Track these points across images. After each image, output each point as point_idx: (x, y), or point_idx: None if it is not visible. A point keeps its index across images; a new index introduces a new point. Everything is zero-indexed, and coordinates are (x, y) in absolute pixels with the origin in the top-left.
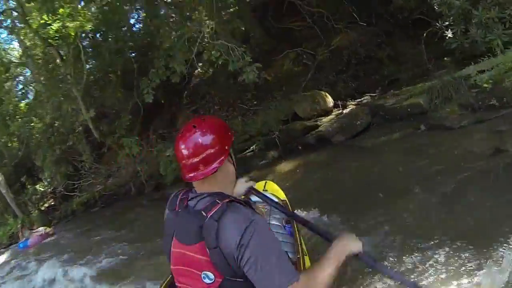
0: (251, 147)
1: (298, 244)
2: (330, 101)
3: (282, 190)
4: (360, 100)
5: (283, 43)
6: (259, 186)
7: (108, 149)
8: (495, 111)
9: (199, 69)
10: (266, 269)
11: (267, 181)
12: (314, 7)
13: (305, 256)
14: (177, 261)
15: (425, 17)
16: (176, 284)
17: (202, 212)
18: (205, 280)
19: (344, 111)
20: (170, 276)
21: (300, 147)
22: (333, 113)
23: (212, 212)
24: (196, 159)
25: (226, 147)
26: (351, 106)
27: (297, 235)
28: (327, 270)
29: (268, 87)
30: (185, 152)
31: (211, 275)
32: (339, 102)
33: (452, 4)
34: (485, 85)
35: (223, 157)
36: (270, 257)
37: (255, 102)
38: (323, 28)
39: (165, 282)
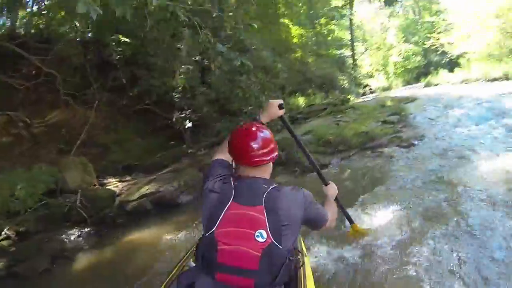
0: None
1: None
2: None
3: None
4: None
5: None
6: None
7: None
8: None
9: None
10: (319, 212)
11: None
12: (47, 66)
13: (304, 257)
14: (231, 222)
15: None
16: (219, 248)
17: (264, 185)
18: (258, 239)
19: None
20: (171, 275)
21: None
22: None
23: (273, 185)
24: (265, 150)
25: (277, 146)
26: (114, 183)
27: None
28: (334, 206)
29: None
30: (255, 145)
31: (264, 234)
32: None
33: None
34: (330, 137)
35: (277, 152)
36: (319, 209)
37: None
38: (50, 95)
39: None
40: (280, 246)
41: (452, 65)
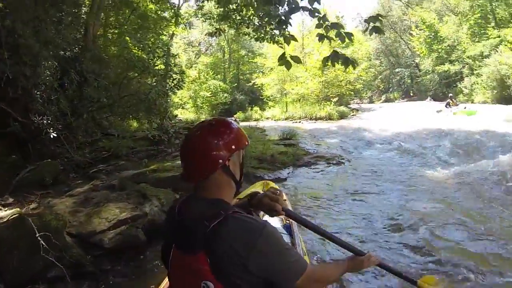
0: None
1: (296, 243)
2: None
3: None
4: None
5: None
6: (259, 186)
7: None
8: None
9: None
10: (283, 270)
11: (267, 181)
12: None
13: (304, 256)
14: (176, 270)
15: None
16: None
17: (205, 221)
18: None
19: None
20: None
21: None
22: None
23: (215, 222)
24: (196, 160)
25: (225, 152)
26: None
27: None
28: (334, 272)
29: None
30: (190, 152)
31: (211, 285)
32: None
33: None
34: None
35: (221, 160)
36: (283, 257)
37: None
38: None
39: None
40: None
41: (261, 104)
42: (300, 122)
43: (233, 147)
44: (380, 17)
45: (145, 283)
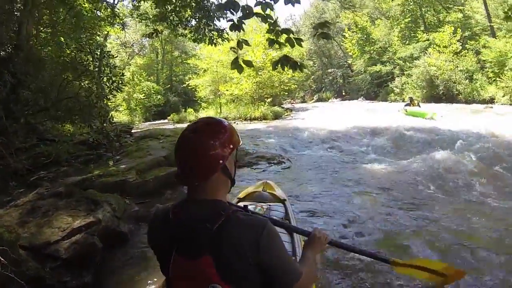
0: None
1: (296, 244)
2: None
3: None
4: None
5: None
6: (258, 186)
7: None
8: None
9: None
10: (283, 269)
11: (267, 181)
12: None
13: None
14: (179, 276)
15: None
16: None
17: (207, 224)
18: None
19: None
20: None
21: None
22: None
23: (217, 224)
24: (196, 163)
25: (223, 152)
26: None
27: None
28: (314, 266)
29: None
30: (189, 154)
31: (219, 287)
32: None
33: None
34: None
35: (221, 161)
36: (284, 258)
37: None
38: None
39: None
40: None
41: (194, 105)
42: (235, 122)
43: (231, 146)
44: (327, 24)
45: None
